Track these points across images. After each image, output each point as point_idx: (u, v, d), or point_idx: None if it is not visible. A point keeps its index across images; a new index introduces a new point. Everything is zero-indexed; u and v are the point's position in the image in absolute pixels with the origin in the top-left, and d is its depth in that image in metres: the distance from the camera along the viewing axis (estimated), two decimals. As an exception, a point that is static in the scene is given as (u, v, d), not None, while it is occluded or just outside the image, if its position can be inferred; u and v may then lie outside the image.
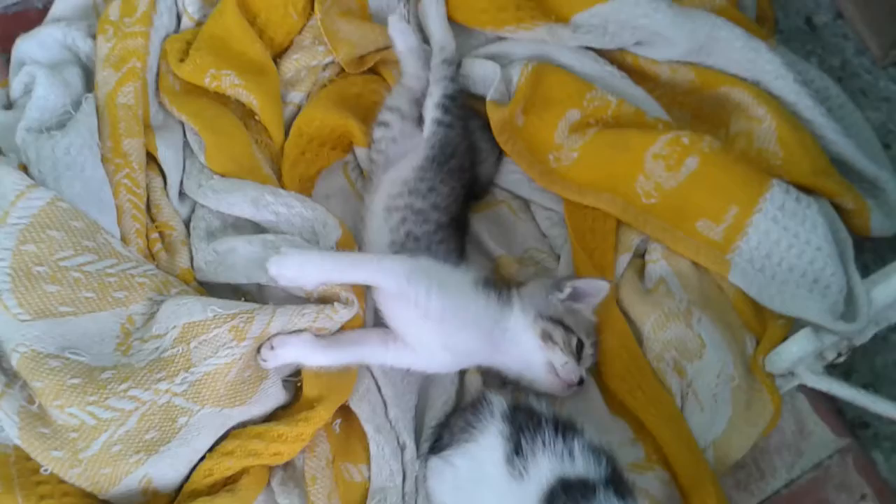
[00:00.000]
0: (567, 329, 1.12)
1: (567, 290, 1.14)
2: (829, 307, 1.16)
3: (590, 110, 1.32)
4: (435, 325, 1.08)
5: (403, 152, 1.26)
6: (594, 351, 1.16)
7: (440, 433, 1.11)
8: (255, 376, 1.07)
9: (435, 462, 1.08)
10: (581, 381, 1.12)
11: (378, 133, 1.30)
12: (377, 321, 1.17)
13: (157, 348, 1.04)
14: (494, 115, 1.28)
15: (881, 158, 1.38)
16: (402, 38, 1.33)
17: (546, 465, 0.95)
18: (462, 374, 1.19)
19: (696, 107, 1.39)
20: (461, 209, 1.25)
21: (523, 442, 0.98)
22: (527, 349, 1.11)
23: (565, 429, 0.99)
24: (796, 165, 1.26)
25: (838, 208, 1.27)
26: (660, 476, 1.11)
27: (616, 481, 0.95)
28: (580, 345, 1.12)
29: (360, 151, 1.33)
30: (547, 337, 1.11)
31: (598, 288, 1.16)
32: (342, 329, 1.12)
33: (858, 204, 1.27)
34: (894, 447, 1.25)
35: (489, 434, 1.02)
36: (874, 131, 1.43)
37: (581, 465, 0.95)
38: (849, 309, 1.18)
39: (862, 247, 1.29)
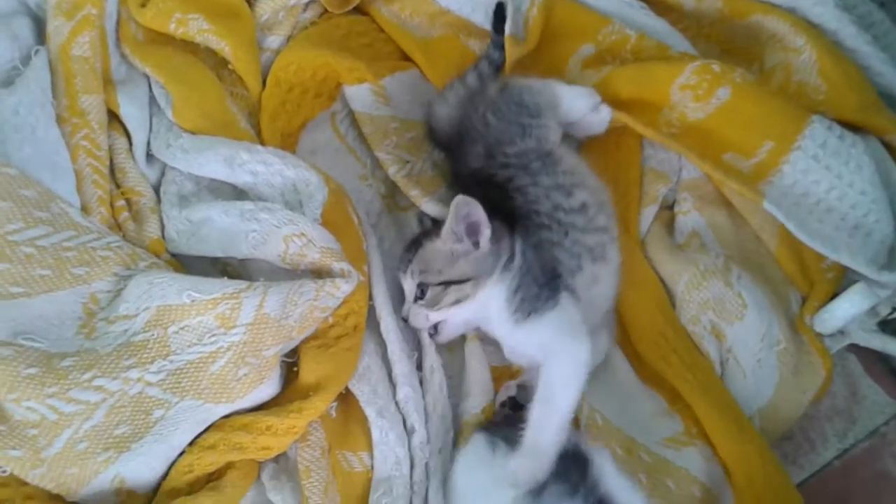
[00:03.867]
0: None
1: None
2: (870, 255, 1.05)
3: (606, 45, 1.21)
4: None
5: None
6: None
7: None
8: (255, 377, 0.92)
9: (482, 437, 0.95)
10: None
11: None
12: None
13: (125, 331, 0.92)
14: (512, 51, 1.17)
15: None
16: None
17: None
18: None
19: (725, 39, 1.27)
20: None
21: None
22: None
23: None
24: (841, 100, 1.14)
25: (889, 147, 1.15)
26: (702, 451, 1.00)
27: None
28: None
29: (352, 91, 1.19)
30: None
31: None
32: (348, 301, 0.99)
33: None
34: None
35: None
36: None
37: None
38: (893, 259, 1.07)
39: None
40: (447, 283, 1.00)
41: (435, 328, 1.05)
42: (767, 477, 0.97)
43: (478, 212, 0.97)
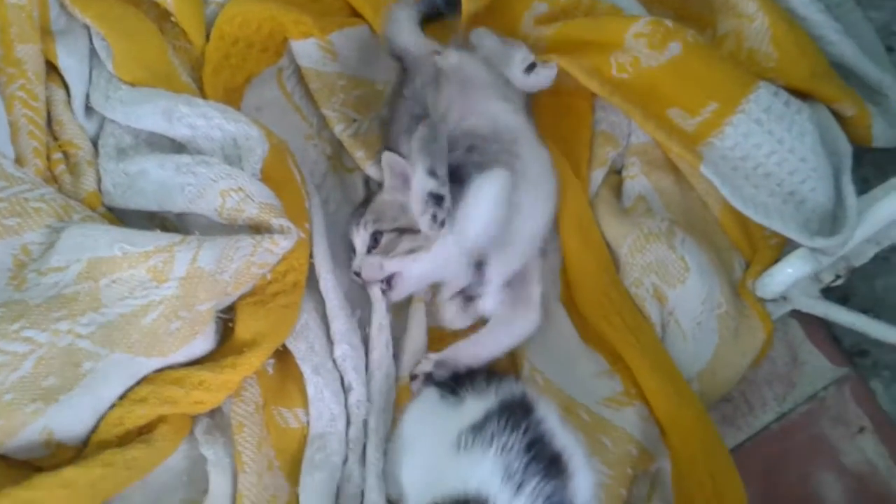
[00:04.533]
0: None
1: None
2: (802, 221, 1.06)
3: (559, 5, 1.22)
4: None
5: None
6: None
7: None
8: (188, 331, 0.92)
9: (431, 391, 0.96)
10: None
11: None
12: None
13: (56, 283, 0.91)
14: (469, 6, 1.18)
15: (884, 62, 1.26)
16: None
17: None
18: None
19: (679, 5, 1.27)
20: None
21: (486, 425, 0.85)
22: None
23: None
24: (793, 68, 1.14)
25: (837, 115, 1.16)
26: (639, 412, 1.01)
27: None
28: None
29: (299, 46, 1.18)
30: None
31: None
32: (287, 258, 0.98)
33: (860, 110, 1.15)
34: (895, 376, 1.15)
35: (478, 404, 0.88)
36: (876, 33, 1.31)
37: None
38: (832, 224, 1.08)
39: (862, 159, 1.18)
40: (401, 231, 1.00)
41: (389, 284, 1.04)
42: (702, 439, 0.98)
43: (401, 165, 0.99)
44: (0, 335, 0.86)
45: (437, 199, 0.96)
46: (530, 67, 1.14)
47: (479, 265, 1.02)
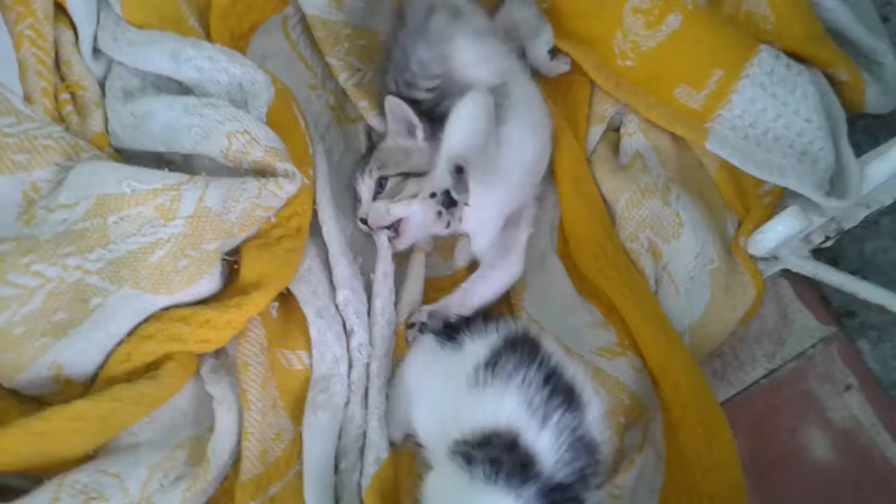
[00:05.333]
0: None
1: None
2: (817, 181, 1.07)
3: None
4: None
5: None
6: None
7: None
8: (195, 270, 0.93)
9: (429, 340, 0.97)
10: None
11: None
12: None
13: (65, 219, 0.92)
14: None
15: (879, 30, 1.27)
16: None
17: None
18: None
19: None
20: None
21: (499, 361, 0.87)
22: None
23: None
24: (788, 31, 1.16)
25: (831, 80, 1.17)
26: (632, 362, 1.03)
27: None
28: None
29: None
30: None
31: None
32: (291, 203, 1.00)
33: (854, 76, 1.17)
34: (881, 336, 1.18)
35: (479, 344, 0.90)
36: (872, 2, 1.31)
37: None
38: (837, 186, 1.09)
39: (854, 125, 1.20)
40: (406, 175, 1.02)
41: (395, 231, 1.06)
42: (693, 389, 1.00)
43: (404, 110, 1.01)
44: (11, 268, 0.87)
45: (447, 198, 0.96)
46: (551, 51, 1.16)
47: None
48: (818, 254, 1.18)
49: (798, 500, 1.08)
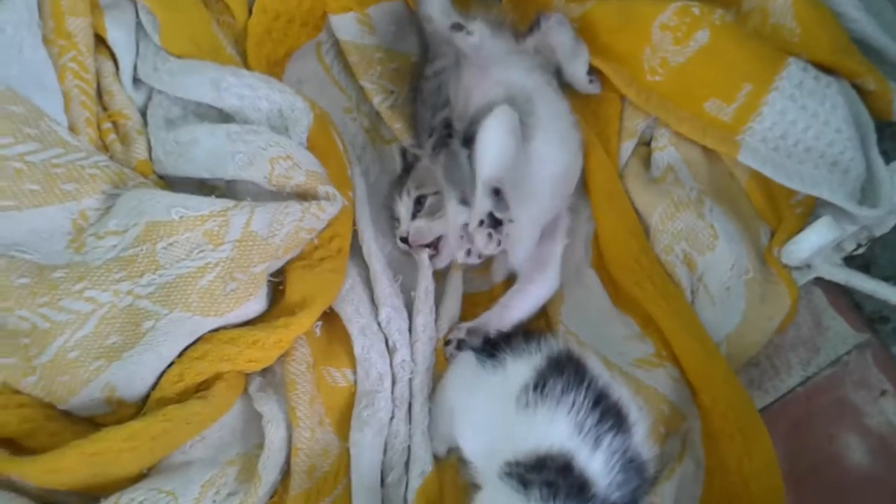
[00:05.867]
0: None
1: None
2: (849, 190, 1.09)
3: None
4: None
5: None
6: None
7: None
8: (243, 292, 0.97)
9: (469, 358, 1.00)
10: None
11: None
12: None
13: (115, 246, 0.95)
14: None
15: None
16: None
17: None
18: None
19: None
20: None
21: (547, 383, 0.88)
22: None
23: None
24: (815, 43, 1.17)
25: (859, 90, 1.19)
26: (670, 373, 1.05)
27: None
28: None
29: (337, 20, 1.22)
30: None
31: None
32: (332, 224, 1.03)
33: (881, 85, 1.17)
34: None
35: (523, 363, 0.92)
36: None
37: None
38: (869, 195, 1.11)
39: (882, 133, 1.20)
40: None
41: (435, 249, 1.09)
42: (731, 397, 1.02)
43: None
44: (64, 295, 0.90)
45: (492, 220, 0.99)
46: (588, 71, 1.19)
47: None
48: (850, 261, 1.18)
49: (837, 507, 1.08)
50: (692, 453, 1.04)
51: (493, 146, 1.02)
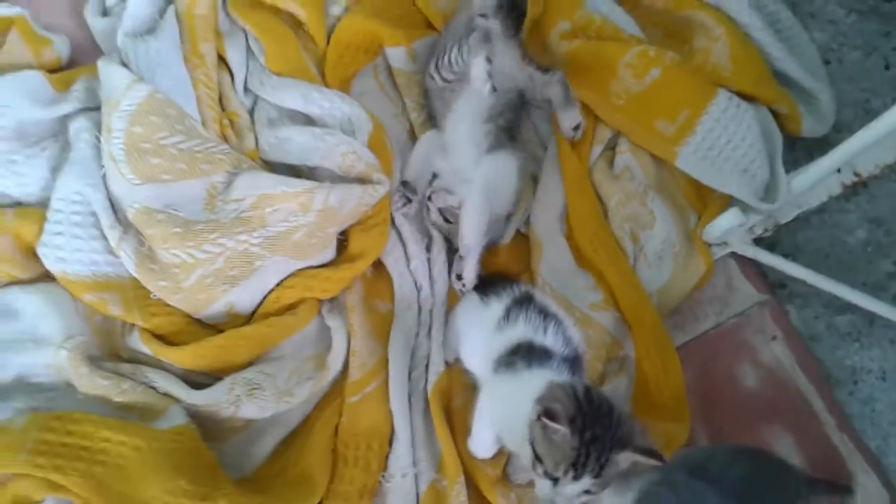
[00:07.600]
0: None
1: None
2: (753, 191, 1.43)
3: (578, 24, 1.57)
4: None
5: None
6: None
7: None
8: (320, 243, 1.34)
9: (472, 296, 1.38)
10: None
11: None
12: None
13: (236, 209, 1.29)
14: (531, 10, 1.55)
15: (820, 73, 1.60)
16: None
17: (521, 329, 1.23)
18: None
19: (666, 26, 1.63)
20: None
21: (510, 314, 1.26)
22: None
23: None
24: (742, 76, 1.49)
25: (775, 114, 1.51)
26: (614, 315, 1.42)
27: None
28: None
29: (391, 52, 1.55)
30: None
31: None
32: (383, 200, 1.41)
33: (792, 110, 1.51)
34: (804, 303, 1.51)
35: (498, 303, 1.29)
36: (817, 50, 1.63)
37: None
38: (771, 193, 1.43)
39: (795, 145, 1.53)
40: None
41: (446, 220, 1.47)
42: (656, 334, 1.39)
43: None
44: (204, 240, 1.27)
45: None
46: (576, 127, 1.50)
47: None
48: (759, 241, 1.50)
49: (732, 416, 1.40)
50: (626, 371, 1.41)
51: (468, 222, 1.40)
